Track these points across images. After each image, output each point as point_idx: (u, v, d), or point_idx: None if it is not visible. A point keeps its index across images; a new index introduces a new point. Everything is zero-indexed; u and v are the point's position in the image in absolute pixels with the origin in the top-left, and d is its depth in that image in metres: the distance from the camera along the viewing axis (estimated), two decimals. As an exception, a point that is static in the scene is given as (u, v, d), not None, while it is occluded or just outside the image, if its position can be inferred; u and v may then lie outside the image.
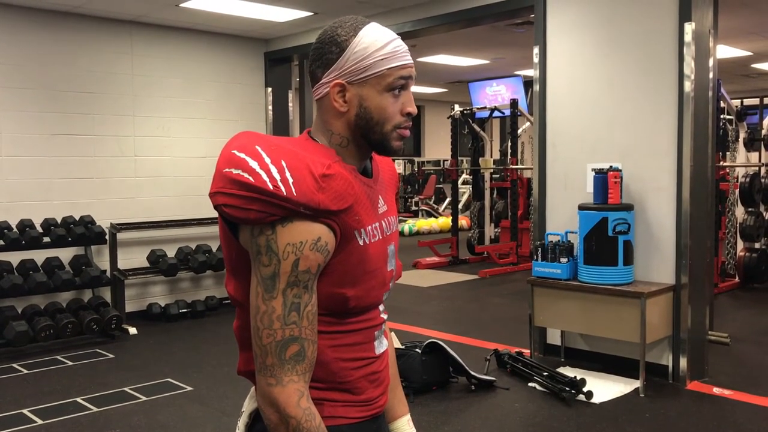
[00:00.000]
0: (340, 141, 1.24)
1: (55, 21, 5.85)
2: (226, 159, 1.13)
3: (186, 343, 5.57)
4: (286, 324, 1.12)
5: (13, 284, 5.23)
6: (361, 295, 1.21)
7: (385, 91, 1.21)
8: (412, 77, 1.24)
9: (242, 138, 1.16)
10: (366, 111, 1.22)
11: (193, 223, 6.60)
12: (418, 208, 15.58)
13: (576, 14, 4.72)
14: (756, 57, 10.00)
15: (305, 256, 1.12)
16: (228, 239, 1.20)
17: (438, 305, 6.98)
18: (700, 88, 4.23)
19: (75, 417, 3.91)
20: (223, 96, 6.94)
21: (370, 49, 1.20)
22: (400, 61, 1.22)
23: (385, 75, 1.21)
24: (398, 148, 1.25)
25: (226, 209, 1.12)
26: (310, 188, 1.11)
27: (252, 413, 1.28)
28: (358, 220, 1.18)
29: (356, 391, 1.26)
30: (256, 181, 1.10)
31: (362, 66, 1.20)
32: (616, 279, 4.22)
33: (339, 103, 1.22)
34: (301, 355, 1.13)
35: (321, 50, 1.23)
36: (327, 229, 1.14)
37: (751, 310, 6.49)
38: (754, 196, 7.31)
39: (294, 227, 1.12)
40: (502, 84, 11.09)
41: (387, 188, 1.35)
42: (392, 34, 1.24)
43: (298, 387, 1.13)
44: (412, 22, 5.84)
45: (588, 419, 3.76)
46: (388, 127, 1.23)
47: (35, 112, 5.78)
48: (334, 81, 1.21)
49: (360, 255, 1.20)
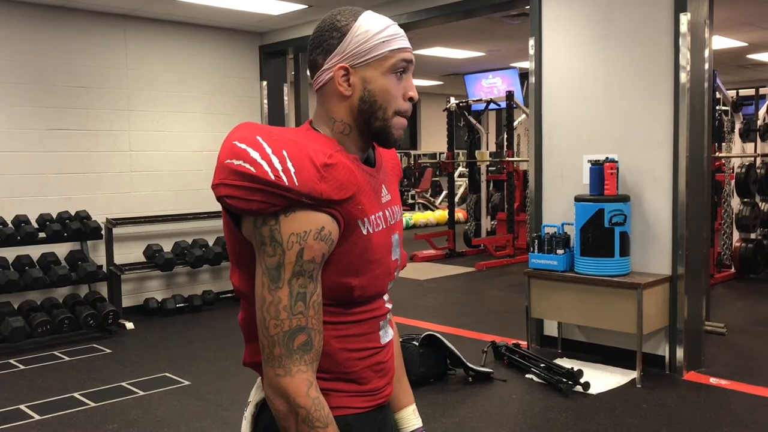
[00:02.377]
0: (342, 128, 1.24)
1: (49, 15, 5.82)
2: (228, 150, 1.13)
3: (183, 337, 5.56)
4: (293, 314, 1.12)
5: (9, 280, 5.22)
6: (365, 284, 1.22)
7: (389, 73, 1.22)
8: (412, 61, 1.26)
9: (243, 129, 1.16)
10: (370, 94, 1.22)
11: (189, 217, 6.59)
12: (414, 201, 15.57)
13: (571, 5, 4.71)
14: (751, 47, 10.00)
15: (309, 246, 1.12)
16: (231, 231, 1.20)
17: (435, 298, 6.99)
18: (696, 79, 4.23)
19: (72, 412, 3.91)
20: (218, 90, 6.91)
21: (371, 32, 1.21)
22: (401, 44, 1.24)
23: (387, 57, 1.22)
24: (399, 137, 1.26)
25: (229, 200, 1.12)
26: (311, 178, 1.11)
27: (259, 403, 1.28)
28: (361, 209, 1.18)
29: (362, 381, 1.26)
30: (258, 171, 1.10)
31: (365, 48, 1.21)
32: (613, 270, 4.23)
33: (343, 87, 1.22)
34: (309, 345, 1.14)
35: (321, 37, 1.23)
36: (330, 219, 1.14)
37: (748, 300, 6.52)
38: (750, 186, 7.33)
39: (297, 217, 1.12)
40: (498, 76, 11.08)
41: (390, 178, 1.35)
42: (389, 20, 1.26)
43: (307, 377, 1.13)
44: (407, 14, 5.82)
45: (585, 410, 3.77)
46: (390, 112, 1.23)
47: (29, 107, 5.76)
48: (338, 65, 1.22)
49: (364, 244, 1.20)
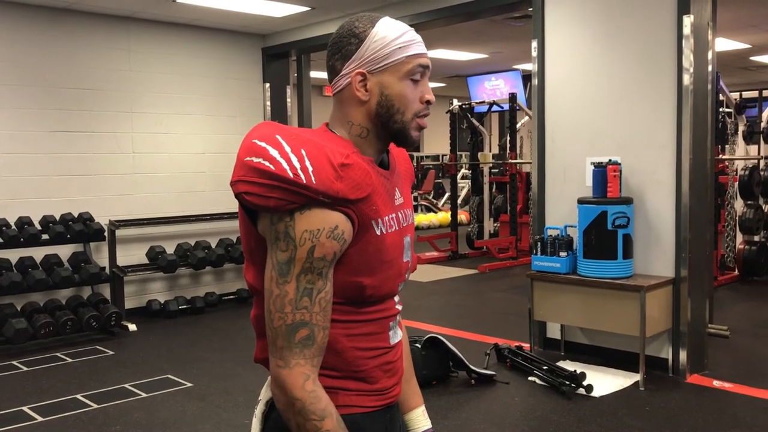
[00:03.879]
0: (359, 132, 1.26)
1: (52, 17, 5.83)
2: (248, 148, 1.15)
3: (186, 339, 5.57)
4: (297, 308, 1.14)
5: (12, 282, 5.23)
6: (377, 284, 1.23)
7: (405, 78, 1.25)
8: (429, 67, 1.28)
9: (263, 128, 1.18)
10: (387, 99, 1.25)
11: (192, 219, 6.59)
12: (417, 203, 15.56)
13: (574, 7, 4.71)
14: (755, 50, 9.98)
15: (321, 244, 1.14)
16: (247, 227, 1.22)
17: (437, 300, 6.98)
18: (699, 81, 4.22)
19: (75, 414, 3.92)
20: (220, 92, 6.92)
21: (388, 38, 1.24)
22: (418, 50, 1.26)
23: (404, 62, 1.25)
24: (416, 138, 1.29)
25: (247, 197, 1.14)
26: (329, 177, 1.13)
27: (269, 401, 1.30)
28: (375, 210, 1.20)
29: (371, 380, 1.27)
30: (277, 169, 1.12)
31: (382, 54, 1.23)
32: (616, 272, 4.22)
33: (361, 92, 1.25)
34: (310, 340, 1.15)
35: (340, 43, 1.26)
36: (344, 218, 1.16)
37: (751, 302, 6.50)
38: (754, 189, 7.32)
39: (312, 215, 1.14)
40: (501, 78, 11.08)
41: (403, 181, 1.38)
42: (406, 26, 1.28)
43: (304, 370, 1.15)
44: (410, 17, 5.82)
45: (588, 413, 3.76)
46: (408, 115, 1.26)
47: (32, 109, 5.77)
48: (355, 71, 1.24)
49: (377, 245, 1.21)
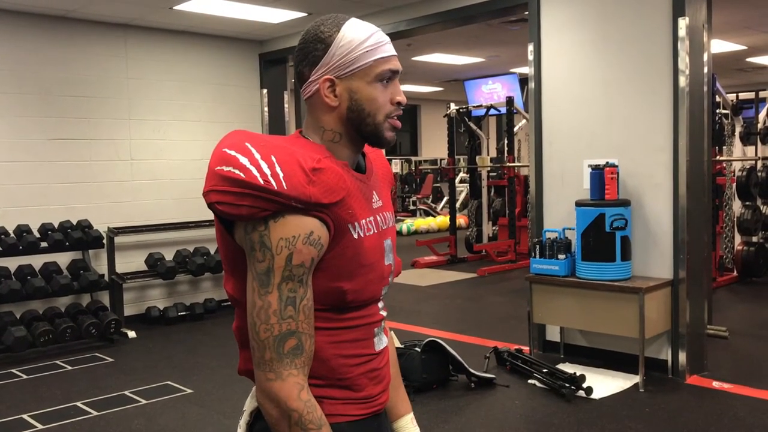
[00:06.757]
0: (332, 137, 1.25)
1: (49, 25, 5.84)
2: (218, 157, 1.14)
3: (185, 345, 5.56)
4: (282, 318, 1.13)
5: (11, 290, 5.23)
6: (358, 288, 1.22)
7: (375, 82, 1.23)
8: (398, 71, 1.26)
9: (233, 136, 1.18)
10: (357, 103, 1.23)
11: (191, 225, 6.59)
12: (415, 207, 15.58)
13: (570, 11, 4.73)
14: (750, 51, 10.01)
15: (298, 250, 1.13)
16: (224, 238, 1.21)
17: (437, 304, 6.98)
18: (695, 83, 4.24)
19: (75, 421, 3.91)
20: (218, 98, 6.93)
21: (354, 42, 1.22)
22: (385, 53, 1.24)
23: (372, 66, 1.23)
24: (391, 138, 1.27)
25: (219, 206, 1.13)
26: (300, 182, 1.12)
27: (253, 412, 1.28)
28: (351, 213, 1.19)
29: (356, 387, 1.26)
30: (247, 176, 1.11)
31: (349, 59, 1.22)
32: (614, 275, 4.23)
33: (330, 98, 1.23)
34: (299, 349, 1.14)
35: (306, 49, 1.24)
36: (320, 223, 1.15)
37: (750, 303, 6.51)
38: (751, 189, 7.33)
39: (286, 222, 1.13)
40: (498, 82, 11.10)
41: (381, 184, 1.36)
42: (373, 27, 1.26)
43: (298, 380, 1.14)
44: (406, 21, 5.84)
45: (588, 415, 3.76)
46: (380, 118, 1.25)
47: (30, 116, 5.77)
48: (323, 77, 1.23)
49: (355, 248, 1.20)
